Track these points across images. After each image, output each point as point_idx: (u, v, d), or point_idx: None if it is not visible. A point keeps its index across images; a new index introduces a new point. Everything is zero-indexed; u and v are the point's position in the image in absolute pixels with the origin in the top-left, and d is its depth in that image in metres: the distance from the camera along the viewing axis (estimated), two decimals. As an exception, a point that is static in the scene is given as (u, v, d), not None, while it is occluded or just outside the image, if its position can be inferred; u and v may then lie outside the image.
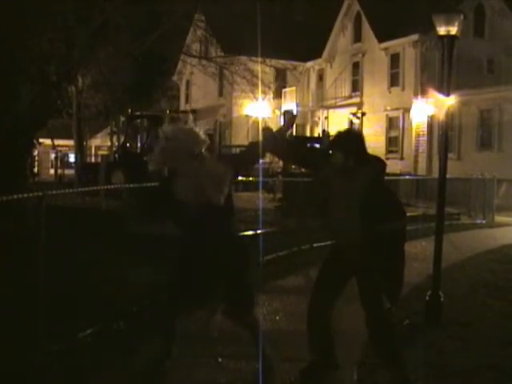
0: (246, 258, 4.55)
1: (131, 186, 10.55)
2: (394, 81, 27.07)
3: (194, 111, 24.18)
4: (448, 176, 6.58)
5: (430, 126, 24.89)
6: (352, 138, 4.44)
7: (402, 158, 26.27)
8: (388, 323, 4.33)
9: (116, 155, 21.95)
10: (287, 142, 4.87)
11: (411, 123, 25.87)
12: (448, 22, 6.25)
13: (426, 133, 25.31)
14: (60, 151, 33.71)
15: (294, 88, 30.21)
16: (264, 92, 25.52)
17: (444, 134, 6.75)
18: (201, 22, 18.38)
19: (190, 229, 4.32)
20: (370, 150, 4.44)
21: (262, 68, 17.58)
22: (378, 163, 4.41)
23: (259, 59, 17.37)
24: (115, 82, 25.91)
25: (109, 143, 27.68)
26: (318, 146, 20.59)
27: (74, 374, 4.52)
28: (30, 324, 4.92)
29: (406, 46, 26.18)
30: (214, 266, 4.33)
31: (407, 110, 26.04)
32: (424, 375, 4.59)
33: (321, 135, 25.02)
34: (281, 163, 25.15)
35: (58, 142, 33.11)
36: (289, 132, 4.79)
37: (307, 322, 4.47)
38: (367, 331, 4.38)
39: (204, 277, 4.35)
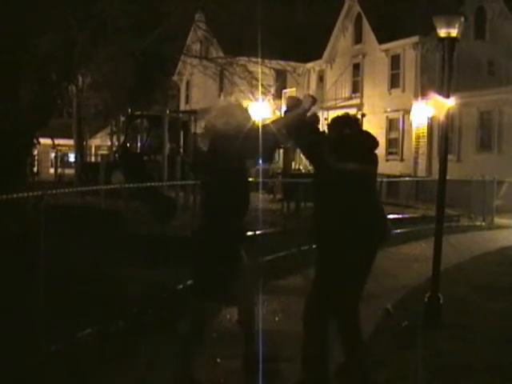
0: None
1: (131, 185, 10.57)
2: (394, 82, 27.06)
3: (194, 111, 24.13)
4: (448, 178, 6.58)
5: (430, 127, 24.88)
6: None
7: (401, 160, 26.27)
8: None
9: (116, 155, 21.94)
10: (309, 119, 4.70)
11: (411, 125, 25.86)
12: (449, 24, 6.26)
13: (425, 134, 25.31)
14: (60, 151, 33.66)
15: (294, 89, 30.16)
16: (264, 93, 25.48)
17: (444, 136, 6.75)
18: (201, 22, 18.37)
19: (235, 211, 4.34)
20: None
21: (262, 69, 17.56)
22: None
23: (259, 60, 17.36)
24: (115, 82, 25.89)
25: (109, 143, 27.60)
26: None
27: (73, 375, 4.52)
28: (29, 324, 4.92)
29: (406, 47, 26.18)
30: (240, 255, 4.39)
31: (407, 112, 26.03)
32: (423, 376, 4.59)
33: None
34: (281, 164, 25.12)
35: (57, 141, 33.02)
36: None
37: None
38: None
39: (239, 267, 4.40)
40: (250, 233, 8.05)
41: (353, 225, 4.21)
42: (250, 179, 4.64)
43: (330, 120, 4.71)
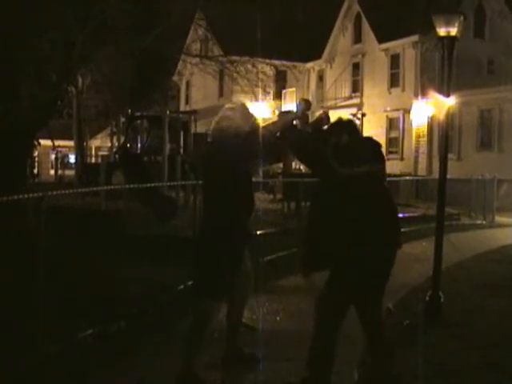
0: None
1: (132, 186, 10.56)
2: (394, 81, 27.07)
3: (194, 112, 24.10)
4: (448, 176, 6.58)
5: (430, 126, 24.88)
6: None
7: (402, 159, 26.26)
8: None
9: (116, 156, 21.91)
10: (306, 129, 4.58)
11: (411, 124, 25.87)
12: (448, 23, 6.25)
13: (426, 133, 25.31)
14: (60, 152, 33.64)
15: (294, 89, 30.17)
16: (264, 92, 25.49)
17: (444, 135, 6.75)
18: (201, 20, 18.39)
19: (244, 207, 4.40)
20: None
21: (263, 68, 17.59)
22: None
23: (259, 59, 17.37)
24: (115, 82, 25.86)
25: (109, 144, 27.56)
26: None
27: (73, 375, 4.51)
28: (29, 325, 4.92)
29: (406, 46, 26.18)
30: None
31: (407, 111, 26.03)
32: (424, 375, 4.59)
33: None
34: (281, 164, 25.09)
35: (58, 142, 33.01)
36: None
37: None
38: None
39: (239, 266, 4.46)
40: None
41: (366, 228, 4.14)
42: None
43: (326, 129, 4.63)
